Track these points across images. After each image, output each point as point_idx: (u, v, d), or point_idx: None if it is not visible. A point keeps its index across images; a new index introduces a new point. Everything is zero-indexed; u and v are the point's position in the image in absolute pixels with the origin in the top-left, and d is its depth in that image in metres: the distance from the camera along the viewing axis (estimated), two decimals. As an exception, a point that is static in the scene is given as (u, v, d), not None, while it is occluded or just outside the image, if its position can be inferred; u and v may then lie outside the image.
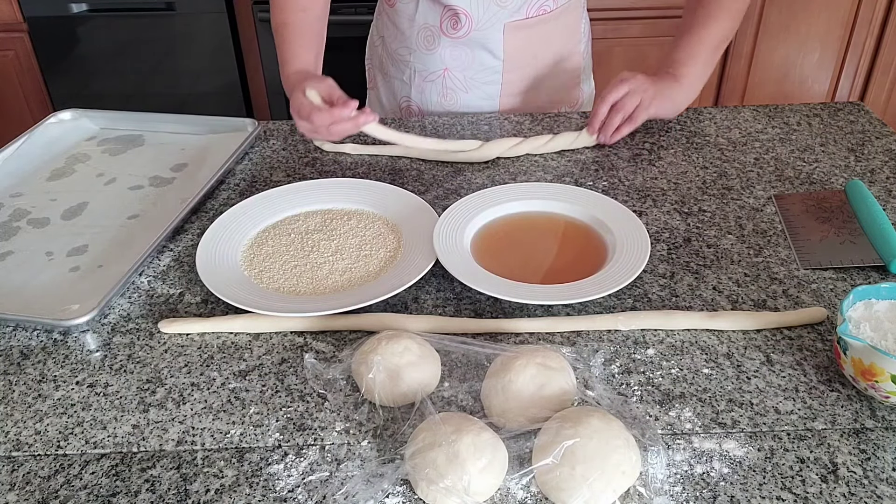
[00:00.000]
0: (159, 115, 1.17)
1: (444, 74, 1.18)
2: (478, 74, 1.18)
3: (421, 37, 1.16)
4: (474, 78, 1.19)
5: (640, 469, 0.57)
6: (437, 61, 1.18)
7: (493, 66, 1.18)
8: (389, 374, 0.64)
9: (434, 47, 1.16)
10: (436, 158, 1.04)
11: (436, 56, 1.17)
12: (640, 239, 0.82)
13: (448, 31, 1.14)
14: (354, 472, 0.60)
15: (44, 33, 2.25)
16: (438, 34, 1.15)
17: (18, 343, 0.75)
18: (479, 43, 1.15)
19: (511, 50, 1.16)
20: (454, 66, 1.18)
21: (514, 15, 1.13)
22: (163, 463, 0.62)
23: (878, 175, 0.98)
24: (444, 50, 1.16)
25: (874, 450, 0.61)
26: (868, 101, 2.36)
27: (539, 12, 1.14)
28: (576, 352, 0.69)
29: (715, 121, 1.13)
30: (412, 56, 1.19)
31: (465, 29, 1.13)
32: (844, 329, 0.62)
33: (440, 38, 1.15)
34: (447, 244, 0.82)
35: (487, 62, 1.17)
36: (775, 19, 2.23)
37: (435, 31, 1.15)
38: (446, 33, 1.14)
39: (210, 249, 0.84)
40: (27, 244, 0.90)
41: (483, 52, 1.16)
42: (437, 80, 1.20)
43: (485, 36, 1.14)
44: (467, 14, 1.11)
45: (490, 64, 1.17)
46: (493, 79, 1.19)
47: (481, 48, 1.15)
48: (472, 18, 1.12)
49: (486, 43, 1.15)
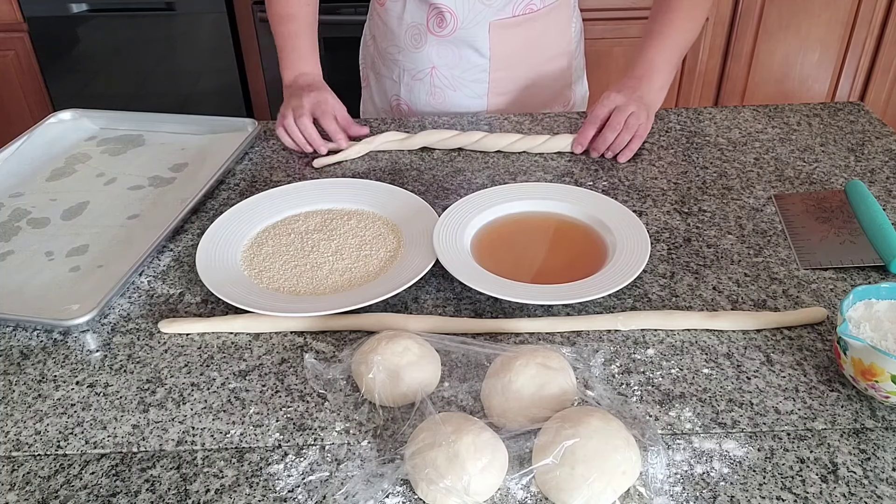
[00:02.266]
0: (159, 115, 1.17)
1: (431, 73, 1.19)
2: (465, 73, 1.18)
3: (409, 35, 1.17)
4: (461, 76, 1.19)
5: (640, 469, 0.57)
6: (425, 60, 1.18)
7: (479, 65, 1.18)
8: (389, 374, 0.64)
9: (421, 46, 1.17)
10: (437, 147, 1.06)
11: (423, 54, 1.17)
12: (640, 239, 0.82)
13: (434, 30, 1.14)
14: (354, 472, 0.60)
15: (44, 33, 2.25)
16: (425, 33, 1.15)
17: (18, 343, 0.75)
18: (465, 41, 1.15)
19: (497, 49, 1.16)
20: (441, 65, 1.18)
21: (499, 13, 1.13)
22: (163, 463, 0.62)
23: (878, 175, 0.98)
24: (430, 48, 1.16)
25: (874, 450, 0.61)
26: (868, 101, 2.36)
27: (525, 11, 1.14)
28: (576, 352, 0.69)
29: (715, 121, 1.13)
30: (401, 55, 1.20)
31: (451, 27, 1.13)
32: (844, 329, 0.62)
33: (427, 37, 1.15)
34: (447, 244, 0.82)
35: (474, 60, 1.17)
36: (775, 19, 2.23)
37: (422, 30, 1.15)
38: (433, 32, 1.14)
39: (210, 249, 0.84)
40: (27, 244, 0.90)
41: (469, 51, 1.16)
42: (424, 79, 1.20)
43: (470, 34, 1.14)
44: (452, 12, 1.11)
45: (477, 62, 1.17)
46: (480, 77, 1.19)
47: (467, 46, 1.16)
48: (458, 17, 1.12)
49: (472, 41, 1.15)
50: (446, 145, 1.06)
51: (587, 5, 2.20)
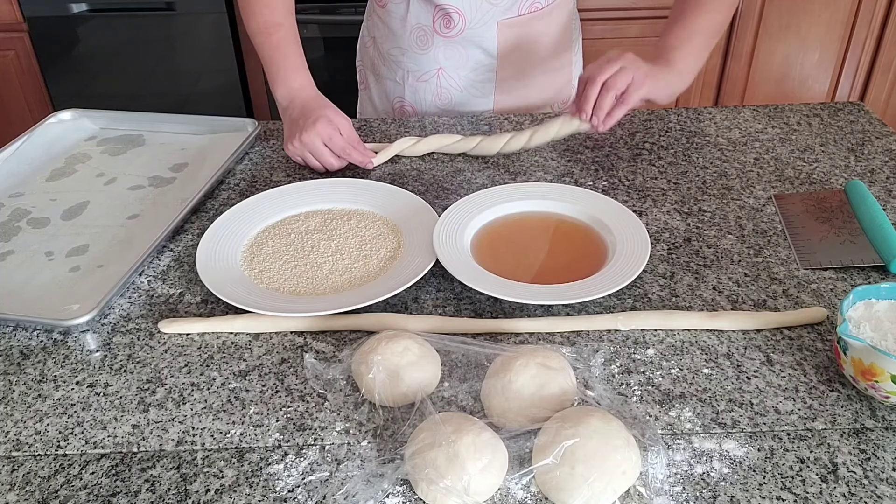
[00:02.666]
0: (159, 115, 1.17)
1: (438, 74, 1.18)
2: (472, 73, 1.18)
3: (413, 37, 1.16)
4: (469, 77, 1.19)
5: (640, 469, 0.57)
6: (431, 61, 1.18)
7: (487, 65, 1.18)
8: (389, 374, 0.64)
9: (428, 47, 1.16)
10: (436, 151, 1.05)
11: (429, 56, 1.17)
12: (640, 239, 0.82)
13: (441, 31, 1.14)
14: (354, 472, 0.60)
15: (44, 33, 2.25)
16: (432, 34, 1.15)
17: (18, 343, 0.75)
18: (473, 41, 1.15)
19: (505, 48, 1.16)
20: (448, 66, 1.18)
21: (506, 13, 1.13)
22: (163, 463, 0.62)
23: (878, 175, 0.98)
24: (437, 50, 1.16)
25: (874, 450, 0.61)
26: (868, 101, 2.36)
27: (531, 10, 1.14)
28: (576, 352, 0.69)
29: (715, 121, 1.13)
30: (405, 56, 1.19)
31: (459, 28, 1.13)
32: (844, 329, 0.62)
33: (434, 38, 1.15)
34: (447, 244, 0.82)
35: (482, 60, 1.17)
36: (775, 19, 2.23)
37: (428, 31, 1.15)
38: (440, 33, 1.14)
39: (210, 249, 0.84)
40: (27, 244, 0.90)
41: (477, 51, 1.16)
42: (431, 80, 1.19)
43: (478, 34, 1.14)
44: (460, 13, 1.11)
45: (484, 62, 1.17)
46: (487, 77, 1.19)
47: (475, 47, 1.15)
48: (465, 17, 1.12)
49: (479, 41, 1.15)
50: (450, 150, 1.05)
51: (587, 5, 2.20)
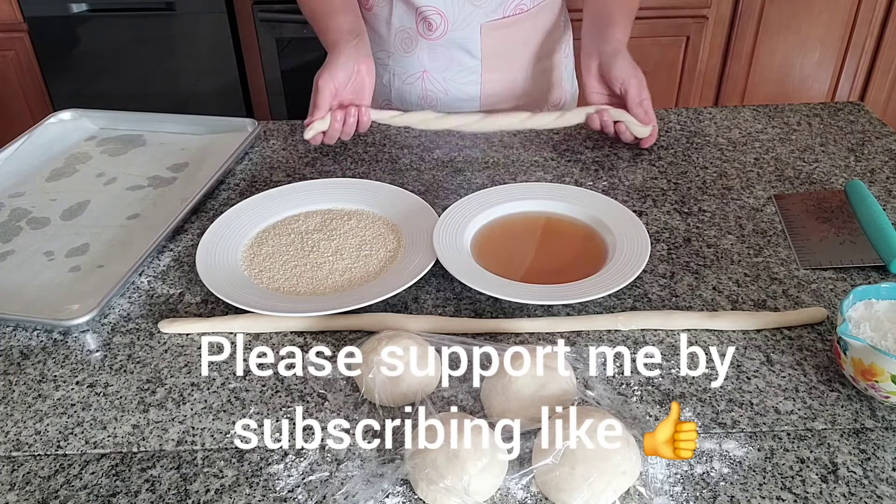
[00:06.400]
0: (159, 115, 1.17)
1: (423, 76, 1.18)
2: (457, 75, 1.18)
3: (398, 40, 1.16)
4: (453, 79, 1.18)
5: (640, 469, 0.57)
6: (416, 63, 1.17)
7: (471, 67, 1.17)
8: (389, 374, 0.64)
9: (412, 50, 1.16)
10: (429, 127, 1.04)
11: (414, 58, 1.17)
12: (640, 239, 0.82)
13: (425, 33, 1.13)
14: (354, 472, 0.60)
15: (44, 33, 2.25)
16: (416, 36, 1.14)
17: (18, 343, 0.75)
18: (457, 44, 1.14)
19: (489, 50, 1.16)
20: (433, 68, 1.17)
21: (490, 15, 1.13)
22: (163, 463, 0.62)
23: (878, 175, 0.98)
24: (421, 52, 1.16)
25: (874, 450, 0.61)
26: (868, 101, 2.36)
27: (516, 11, 1.14)
28: (576, 352, 0.69)
29: (715, 121, 1.13)
30: (391, 59, 1.19)
31: (441, 30, 1.12)
32: (844, 329, 0.62)
33: (418, 41, 1.15)
34: (447, 244, 0.82)
35: (466, 63, 1.17)
36: (775, 19, 2.23)
37: (412, 34, 1.14)
38: (423, 35, 1.14)
39: (210, 249, 0.84)
40: (27, 244, 0.90)
41: (461, 53, 1.16)
42: (416, 83, 1.19)
43: (462, 36, 1.14)
44: (442, 15, 1.11)
45: (468, 64, 1.17)
46: (472, 79, 1.19)
47: (459, 49, 1.15)
48: (448, 19, 1.11)
49: (463, 43, 1.14)
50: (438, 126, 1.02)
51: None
